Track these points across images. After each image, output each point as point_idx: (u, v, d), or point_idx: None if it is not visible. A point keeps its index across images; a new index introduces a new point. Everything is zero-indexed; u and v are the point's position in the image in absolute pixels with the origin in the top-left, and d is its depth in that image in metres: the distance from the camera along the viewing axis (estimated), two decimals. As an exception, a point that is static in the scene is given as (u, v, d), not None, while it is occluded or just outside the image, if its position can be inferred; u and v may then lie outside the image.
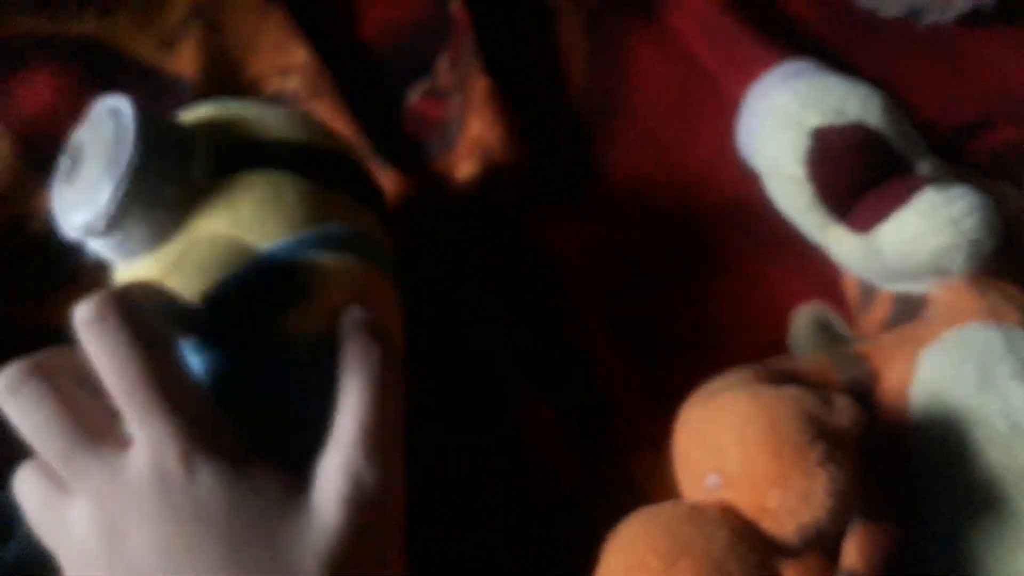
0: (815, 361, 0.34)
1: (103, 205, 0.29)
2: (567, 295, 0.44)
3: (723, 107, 0.45)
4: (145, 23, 0.51)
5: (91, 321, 0.25)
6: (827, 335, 0.39)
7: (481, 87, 0.47)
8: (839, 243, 0.36)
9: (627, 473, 0.38)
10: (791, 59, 0.41)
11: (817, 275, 0.40)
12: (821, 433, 0.27)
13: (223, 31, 0.51)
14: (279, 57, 0.50)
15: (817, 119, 0.35)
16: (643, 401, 0.40)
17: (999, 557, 0.28)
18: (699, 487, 0.29)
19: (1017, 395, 0.30)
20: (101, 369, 0.25)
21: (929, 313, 0.34)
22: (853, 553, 0.32)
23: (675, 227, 0.45)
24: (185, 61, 0.49)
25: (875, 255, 0.34)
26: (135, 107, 0.30)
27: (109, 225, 0.29)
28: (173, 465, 0.25)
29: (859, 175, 0.35)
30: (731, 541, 0.26)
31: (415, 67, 0.52)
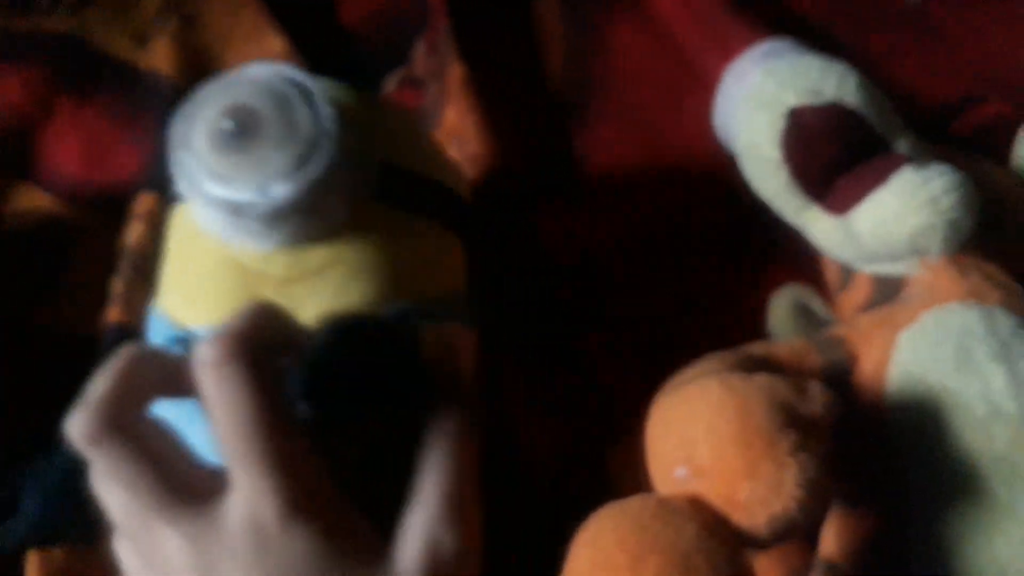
0: (792, 345, 0.34)
1: (275, 199, 0.27)
2: (556, 282, 0.43)
3: (704, 88, 0.44)
4: (118, 19, 0.50)
5: (213, 365, 0.24)
6: (807, 317, 0.38)
7: (456, 74, 0.46)
8: (816, 225, 0.36)
9: (605, 461, 0.38)
10: (770, 38, 0.40)
11: (796, 258, 0.40)
12: (792, 422, 0.27)
13: (198, 24, 0.50)
14: (255, 48, 0.50)
15: (793, 99, 0.34)
16: (632, 390, 0.39)
17: (977, 541, 0.28)
18: (669, 479, 0.29)
19: (996, 377, 0.29)
20: (213, 412, 0.24)
21: (908, 294, 0.34)
22: (831, 540, 0.32)
23: (657, 209, 0.44)
24: (160, 57, 0.49)
25: (852, 237, 0.34)
26: (332, 99, 0.29)
27: (272, 216, 0.28)
28: (270, 519, 0.24)
29: (836, 156, 0.34)
30: (700, 535, 0.26)
31: (392, 55, 0.51)
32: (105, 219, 0.43)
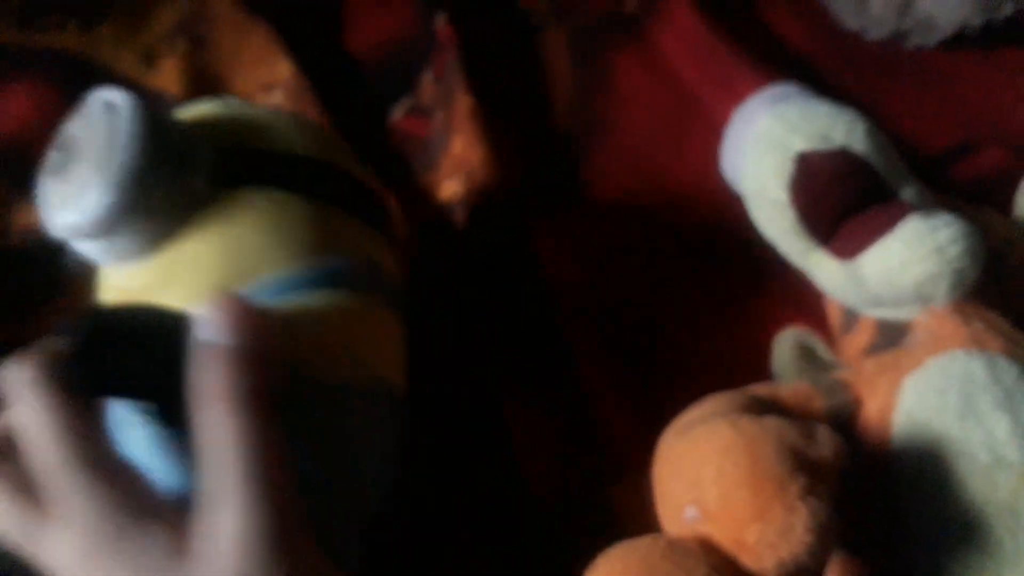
0: (797, 388, 0.33)
1: (94, 208, 0.27)
2: (557, 314, 0.43)
3: (708, 127, 0.45)
4: (128, 38, 0.50)
5: (14, 387, 0.25)
6: (810, 359, 0.38)
7: (464, 105, 0.46)
8: (821, 268, 0.36)
9: (610, 500, 0.38)
10: (777, 81, 0.40)
11: (800, 299, 0.40)
12: (802, 466, 0.27)
13: (207, 46, 0.51)
14: (263, 72, 0.50)
15: (802, 144, 0.34)
16: (631, 424, 0.40)
17: None
18: (677, 519, 0.28)
19: (1000, 426, 0.29)
20: (25, 436, 0.26)
21: (912, 340, 0.34)
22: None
23: (661, 245, 0.45)
24: (168, 77, 0.49)
25: (858, 281, 0.34)
26: (133, 102, 0.28)
27: (99, 229, 0.27)
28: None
29: (843, 201, 0.34)
30: (709, 576, 0.26)
31: (400, 84, 0.51)
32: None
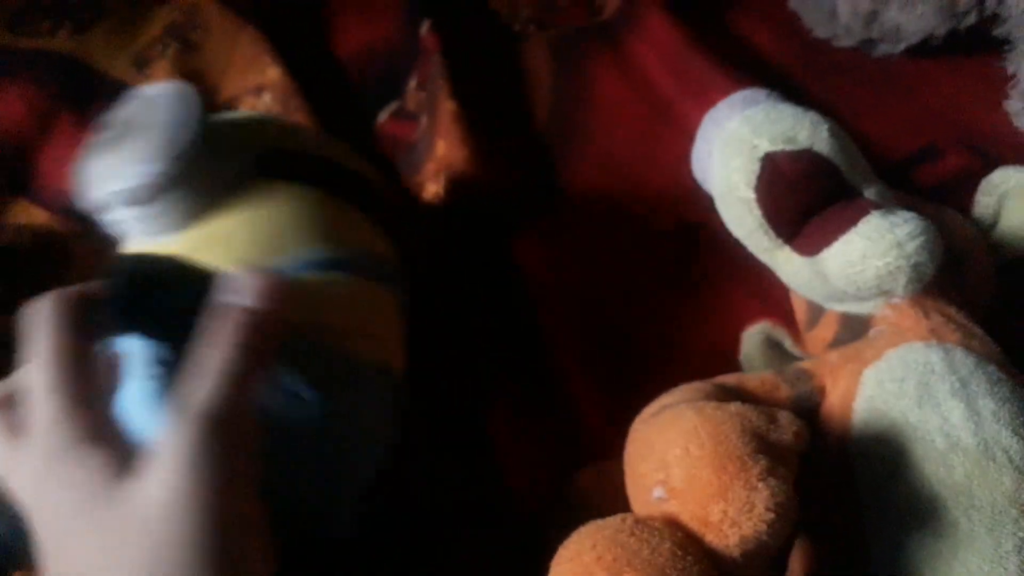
0: (764, 378, 0.34)
1: (143, 175, 0.29)
2: (535, 310, 0.44)
3: (681, 131, 0.46)
4: (120, 42, 0.50)
5: (31, 315, 0.27)
6: (777, 352, 0.39)
7: (447, 110, 0.47)
8: (787, 264, 0.37)
9: (585, 486, 0.38)
10: (746, 87, 0.41)
11: (768, 295, 0.41)
12: (763, 448, 0.28)
13: (198, 50, 0.51)
14: (253, 76, 0.51)
15: (768, 145, 0.35)
16: (605, 413, 0.40)
17: (937, 568, 0.29)
18: (646, 500, 0.29)
19: (955, 412, 0.30)
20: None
21: (873, 332, 0.34)
22: (797, 566, 0.32)
23: (635, 244, 0.46)
24: (159, 80, 0.49)
25: (821, 277, 0.35)
26: (187, 91, 0.32)
27: (144, 196, 0.30)
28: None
29: (807, 200, 0.35)
30: (674, 554, 0.26)
31: (386, 88, 0.52)
32: (101, 235, 0.42)
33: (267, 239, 0.32)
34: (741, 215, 0.37)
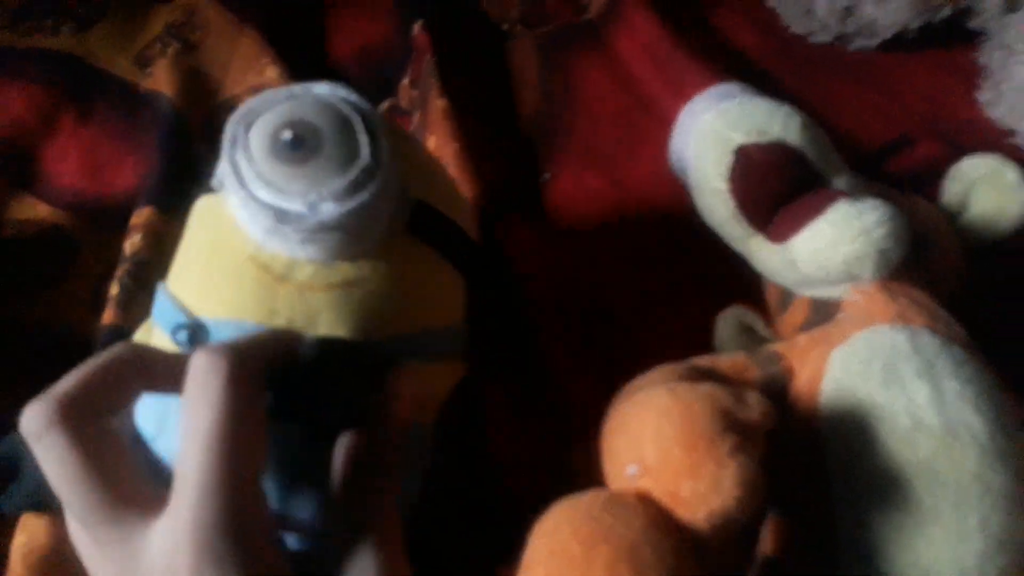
0: (735, 359, 0.35)
1: (320, 218, 0.27)
2: (523, 299, 0.44)
3: (662, 126, 0.46)
4: (121, 41, 0.51)
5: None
6: (749, 335, 0.39)
7: (438, 107, 0.48)
8: (759, 252, 0.37)
9: (569, 463, 0.39)
10: (722, 81, 0.42)
11: (741, 281, 0.41)
12: (732, 426, 0.28)
13: (198, 50, 0.52)
14: (252, 76, 0.51)
15: (741, 137, 0.36)
16: (589, 394, 0.40)
17: (902, 544, 0.29)
18: (621, 476, 0.30)
19: (920, 393, 0.30)
20: (189, 421, 0.23)
21: (842, 316, 0.35)
22: (768, 541, 0.33)
23: (618, 235, 0.46)
24: (161, 78, 0.50)
25: (791, 263, 0.35)
26: (388, 129, 0.29)
27: (307, 232, 0.27)
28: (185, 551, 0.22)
29: (778, 190, 0.35)
30: (646, 528, 0.27)
31: (381, 87, 0.53)
32: (103, 230, 0.43)
33: (411, 304, 0.30)
34: (715, 205, 0.37)
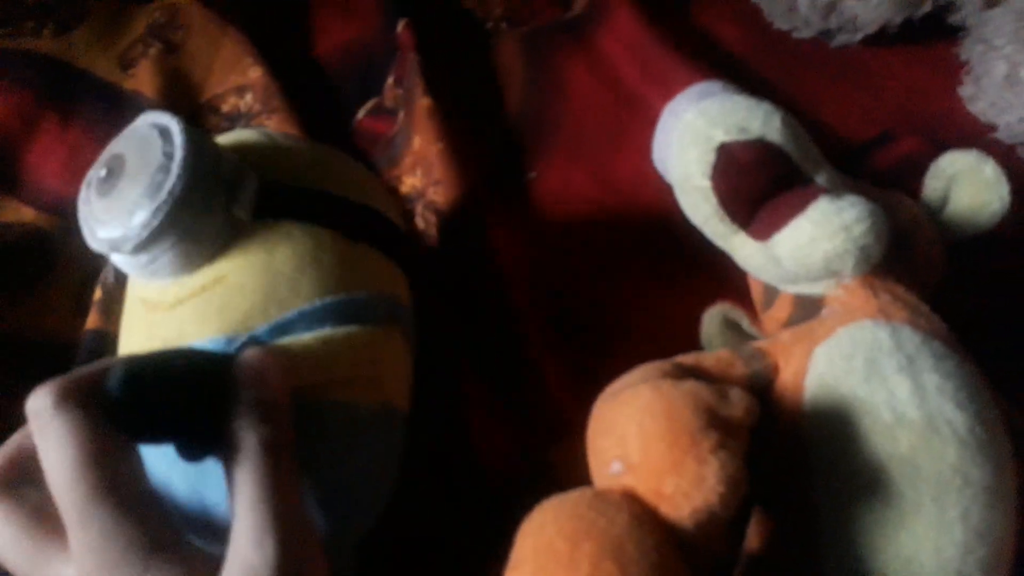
0: (720, 356, 0.35)
1: (136, 228, 0.27)
2: (508, 295, 0.44)
3: (646, 123, 0.46)
4: (103, 42, 0.50)
5: (38, 413, 0.23)
6: (735, 332, 0.39)
7: (423, 105, 0.47)
8: (742, 249, 0.37)
9: (553, 461, 0.39)
10: (705, 79, 0.42)
11: (726, 278, 0.41)
12: (714, 423, 0.28)
13: (181, 51, 0.51)
14: (235, 76, 0.51)
15: (722, 135, 0.36)
16: (572, 392, 0.41)
17: (884, 536, 0.29)
18: (605, 474, 0.29)
19: (902, 387, 0.31)
20: (44, 462, 0.23)
21: (825, 312, 0.35)
22: (755, 538, 0.33)
23: (602, 232, 0.46)
24: (144, 79, 0.49)
25: (774, 260, 0.35)
26: (187, 131, 0.28)
27: (141, 247, 0.28)
28: None
29: (760, 187, 0.35)
30: (631, 524, 0.27)
31: (365, 86, 0.52)
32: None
33: (277, 288, 0.29)
34: (698, 203, 0.37)
